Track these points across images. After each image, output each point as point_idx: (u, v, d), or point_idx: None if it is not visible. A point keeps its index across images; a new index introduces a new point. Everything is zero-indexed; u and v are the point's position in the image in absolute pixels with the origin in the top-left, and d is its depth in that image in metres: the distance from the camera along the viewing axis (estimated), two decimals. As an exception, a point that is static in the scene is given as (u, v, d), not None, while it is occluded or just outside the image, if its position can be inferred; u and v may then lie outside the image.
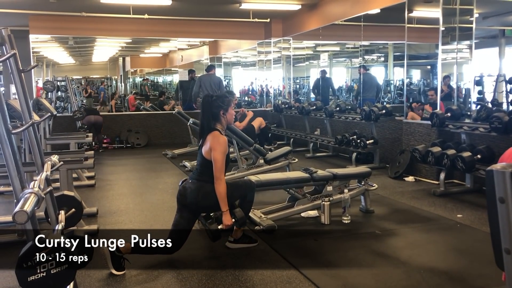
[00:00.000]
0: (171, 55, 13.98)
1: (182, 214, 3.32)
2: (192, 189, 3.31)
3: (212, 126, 3.38)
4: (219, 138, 3.31)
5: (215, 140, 3.29)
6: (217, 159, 3.26)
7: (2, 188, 5.40)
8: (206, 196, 3.28)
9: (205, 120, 3.40)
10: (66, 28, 9.33)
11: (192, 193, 3.29)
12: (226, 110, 3.42)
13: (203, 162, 3.34)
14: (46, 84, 7.68)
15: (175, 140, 9.54)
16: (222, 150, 3.28)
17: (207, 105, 3.40)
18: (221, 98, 3.45)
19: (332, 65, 11.93)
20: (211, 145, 3.29)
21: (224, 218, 3.29)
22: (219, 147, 3.27)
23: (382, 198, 4.98)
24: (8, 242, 3.61)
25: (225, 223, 3.30)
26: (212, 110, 3.39)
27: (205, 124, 3.40)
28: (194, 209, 3.32)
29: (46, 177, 2.07)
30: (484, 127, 4.81)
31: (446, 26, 5.76)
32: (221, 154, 3.27)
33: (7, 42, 2.20)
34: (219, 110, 3.39)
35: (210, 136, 3.33)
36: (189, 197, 3.30)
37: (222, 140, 3.31)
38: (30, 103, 2.38)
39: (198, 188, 3.30)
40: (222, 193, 3.26)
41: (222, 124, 3.43)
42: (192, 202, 3.29)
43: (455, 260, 3.26)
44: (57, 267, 1.68)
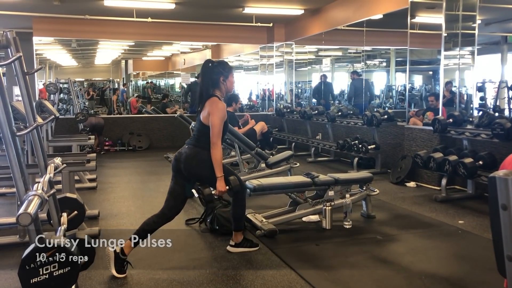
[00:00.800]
0: (174, 59, 14.02)
1: (177, 181, 3.28)
2: (187, 154, 3.26)
3: (211, 92, 3.32)
4: (218, 104, 3.26)
5: (214, 106, 3.24)
6: (215, 124, 3.21)
7: (4, 189, 5.41)
8: (201, 163, 3.23)
9: (205, 86, 3.34)
10: (70, 31, 9.36)
11: (187, 158, 3.24)
12: (226, 77, 3.35)
13: (201, 128, 3.29)
14: (49, 86, 7.70)
15: (177, 143, 9.53)
16: (220, 116, 3.22)
17: (207, 71, 3.34)
18: (222, 65, 3.39)
19: (334, 70, 11.97)
20: (209, 110, 3.23)
21: (219, 184, 3.23)
22: (217, 112, 3.22)
23: (384, 204, 4.98)
24: (10, 244, 3.62)
25: (219, 188, 3.24)
26: (212, 76, 3.33)
27: (204, 90, 3.33)
28: (187, 174, 3.26)
29: (49, 179, 2.08)
30: (486, 133, 4.81)
31: (449, 32, 5.77)
32: (219, 119, 3.22)
33: (13, 44, 2.21)
34: (219, 76, 3.33)
35: (209, 101, 3.27)
36: (184, 163, 3.24)
37: (221, 105, 3.26)
38: (34, 106, 2.39)
39: (194, 154, 3.25)
40: (218, 159, 3.21)
41: (221, 91, 3.37)
42: (186, 167, 3.24)
43: (457, 266, 3.25)
44: (59, 269, 1.69)
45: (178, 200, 3.28)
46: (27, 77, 2.41)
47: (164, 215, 3.25)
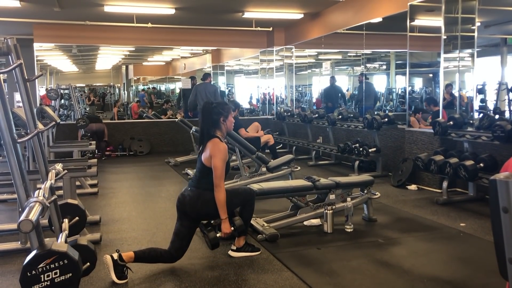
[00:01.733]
0: (174, 63, 14.06)
1: (183, 222, 3.32)
2: (191, 196, 3.30)
3: (212, 133, 3.38)
4: (219, 145, 3.31)
5: (215, 147, 3.29)
6: (217, 166, 3.26)
7: (5, 196, 5.41)
8: (206, 203, 3.28)
9: (205, 127, 3.40)
10: (70, 37, 9.39)
11: (191, 201, 3.29)
12: (226, 117, 3.42)
13: (203, 169, 3.33)
14: (50, 92, 7.71)
15: (178, 148, 9.56)
16: (222, 157, 3.27)
17: (207, 112, 3.40)
18: (221, 105, 3.46)
19: (334, 73, 11.97)
20: (211, 152, 3.28)
21: (223, 226, 3.29)
22: (219, 154, 3.27)
23: (385, 207, 4.97)
24: (12, 250, 3.62)
25: (224, 231, 3.30)
26: (213, 116, 3.39)
27: (205, 131, 3.40)
28: (194, 217, 3.32)
29: (50, 185, 2.08)
30: (487, 136, 4.81)
31: (448, 34, 5.78)
32: (221, 161, 3.27)
33: (13, 51, 2.22)
34: (219, 117, 3.40)
35: (210, 143, 3.32)
36: (189, 205, 3.29)
37: (222, 147, 3.31)
38: (35, 112, 2.39)
39: (197, 196, 3.29)
40: (221, 201, 3.25)
41: (222, 131, 3.43)
42: (192, 210, 3.28)
43: (458, 269, 3.24)
44: (61, 275, 1.69)
45: (183, 241, 3.31)
46: (28, 83, 2.42)
47: (170, 255, 3.28)
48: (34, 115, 2.33)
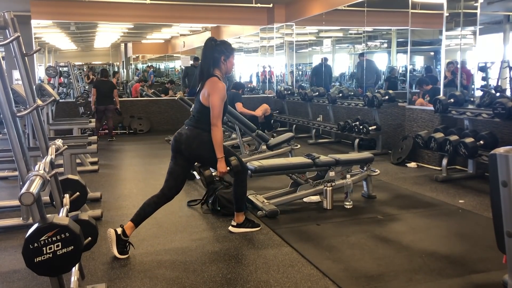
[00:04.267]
0: (173, 41, 13.92)
1: (177, 161, 3.28)
2: (188, 135, 3.25)
3: (211, 71, 3.30)
4: (218, 84, 3.23)
5: (214, 86, 3.22)
6: (215, 105, 3.19)
7: (6, 173, 5.43)
8: (201, 145, 3.23)
9: (206, 64, 3.30)
10: (68, 14, 9.28)
11: (187, 140, 3.23)
12: (227, 57, 3.33)
13: (201, 108, 3.27)
14: (49, 69, 7.67)
15: (178, 126, 9.38)
16: (220, 96, 3.20)
17: (209, 49, 3.31)
18: (224, 44, 3.37)
19: (335, 51, 11.88)
20: (209, 90, 3.21)
21: (219, 165, 3.24)
22: (218, 92, 3.20)
23: (384, 184, 4.99)
24: (14, 226, 3.66)
25: (219, 170, 3.25)
26: (214, 54, 3.30)
27: (205, 69, 3.30)
28: (187, 155, 3.26)
29: (50, 160, 2.09)
30: (488, 113, 4.80)
31: (451, 11, 5.71)
32: (219, 99, 3.20)
33: (10, 25, 2.19)
34: (221, 55, 3.31)
35: (209, 81, 3.25)
36: (184, 143, 3.24)
37: (221, 85, 3.24)
38: (34, 87, 2.38)
39: (194, 136, 3.24)
40: (218, 140, 3.21)
41: (221, 70, 3.34)
42: (186, 148, 3.23)
43: (457, 244, 3.28)
44: (63, 248, 1.70)
45: (178, 180, 3.28)
46: (26, 58, 2.39)
47: (164, 195, 3.26)
48: (33, 90, 2.31)
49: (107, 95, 8.65)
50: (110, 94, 8.70)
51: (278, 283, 2.66)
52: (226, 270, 2.86)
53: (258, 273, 2.81)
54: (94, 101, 8.64)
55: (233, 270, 2.86)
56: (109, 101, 8.66)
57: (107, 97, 8.64)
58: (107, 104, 8.63)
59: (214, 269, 2.88)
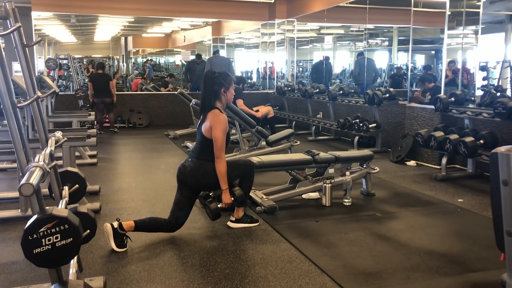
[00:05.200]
0: (174, 36, 13.89)
1: (183, 192, 3.33)
2: (192, 167, 3.30)
3: (212, 103, 3.35)
4: (219, 116, 3.28)
5: (215, 118, 3.27)
6: (217, 138, 3.25)
7: (5, 164, 5.42)
8: (206, 175, 3.29)
9: (207, 97, 3.36)
10: (69, 6, 9.24)
11: (192, 172, 3.29)
12: (227, 88, 3.39)
13: (203, 140, 3.32)
14: (49, 61, 7.64)
15: (177, 121, 9.53)
16: (223, 128, 3.26)
17: (209, 82, 3.36)
18: (223, 76, 3.42)
19: (336, 49, 11.86)
20: (211, 123, 3.26)
21: (224, 196, 3.31)
22: (220, 125, 3.25)
23: (384, 182, 4.99)
24: (12, 218, 3.65)
25: (224, 201, 3.32)
26: (214, 86, 3.36)
27: (206, 101, 3.36)
28: (194, 187, 3.33)
29: (50, 152, 2.08)
30: (488, 112, 4.80)
31: (453, 10, 5.69)
32: (221, 132, 3.25)
33: (11, 15, 2.18)
34: (220, 87, 3.36)
35: (210, 114, 3.30)
36: (189, 176, 3.30)
37: (222, 118, 3.29)
38: (34, 79, 2.37)
39: (198, 167, 3.29)
40: (222, 172, 3.26)
41: (222, 102, 3.40)
42: (192, 180, 3.29)
43: (455, 243, 3.28)
44: (62, 239, 1.70)
45: (183, 211, 3.32)
46: (27, 49, 2.38)
47: (170, 224, 3.30)
48: (34, 81, 2.30)
49: (103, 88, 8.62)
50: (106, 87, 8.66)
51: (276, 279, 2.66)
52: (224, 264, 2.86)
53: (256, 268, 2.81)
54: (91, 94, 8.64)
55: (231, 265, 2.86)
56: (106, 94, 8.62)
57: (103, 90, 8.60)
58: (104, 97, 8.59)
59: (212, 264, 2.88)
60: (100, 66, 9.01)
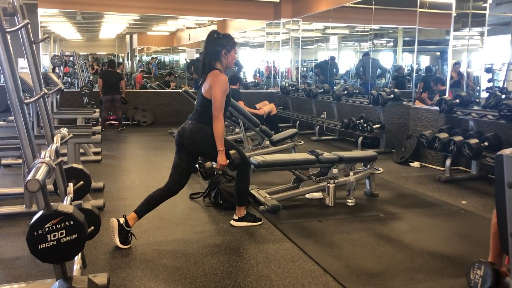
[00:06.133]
0: (179, 34, 13.90)
1: (181, 155, 3.29)
2: (191, 130, 3.25)
3: (213, 64, 3.29)
4: (219, 76, 3.23)
5: (215, 78, 3.21)
6: (217, 97, 3.19)
7: (10, 160, 5.45)
8: (205, 139, 3.23)
9: (207, 58, 3.30)
10: (75, 3, 9.27)
11: (191, 134, 3.24)
12: (228, 51, 3.31)
13: (203, 102, 3.27)
14: (54, 58, 7.66)
15: (181, 119, 9.40)
16: (222, 88, 3.20)
17: (211, 42, 3.30)
18: (226, 38, 3.35)
19: (340, 49, 11.85)
20: (210, 83, 3.21)
21: (220, 157, 3.24)
22: (219, 85, 3.19)
23: (387, 183, 4.99)
24: (17, 213, 3.67)
25: (219, 162, 3.25)
26: (216, 47, 3.29)
27: (207, 62, 3.30)
28: (191, 150, 3.27)
29: (56, 148, 2.09)
30: (493, 115, 4.78)
31: (459, 11, 5.68)
32: (221, 92, 3.19)
33: (19, 12, 2.19)
34: (222, 48, 3.29)
35: (210, 74, 3.24)
36: (188, 138, 3.24)
37: (223, 78, 3.23)
38: (41, 75, 2.38)
39: (198, 130, 3.24)
40: (219, 132, 3.21)
41: (222, 64, 3.33)
42: (190, 143, 3.24)
43: (458, 245, 3.27)
44: (67, 235, 1.71)
45: (182, 175, 3.29)
46: (34, 46, 2.39)
47: (168, 189, 3.27)
48: (40, 77, 2.31)
49: (113, 86, 8.72)
50: (116, 84, 8.76)
51: (279, 278, 2.67)
52: (227, 263, 2.87)
53: (259, 267, 2.82)
54: (101, 90, 8.72)
55: (234, 263, 2.87)
56: (116, 91, 8.72)
57: (113, 88, 8.71)
58: (114, 94, 8.68)
59: (215, 262, 2.88)
60: (111, 64, 9.06)
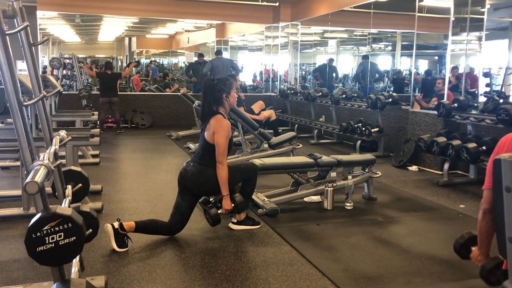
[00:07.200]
0: (178, 37, 13.92)
1: (184, 197, 3.33)
2: (193, 172, 3.31)
3: (214, 109, 3.35)
4: (222, 122, 3.29)
5: (218, 124, 3.27)
6: (220, 143, 3.25)
7: (8, 162, 5.44)
8: (208, 180, 3.29)
9: (207, 103, 3.36)
10: (74, 5, 9.28)
11: (193, 177, 3.29)
12: (228, 93, 3.38)
13: (205, 145, 3.33)
14: (53, 61, 7.66)
15: (180, 122, 9.54)
16: (225, 134, 3.26)
17: (208, 89, 3.36)
18: (223, 81, 3.41)
19: (339, 53, 11.87)
20: (214, 129, 3.27)
21: (224, 202, 3.32)
22: (222, 131, 3.26)
23: (385, 186, 4.99)
24: (15, 216, 3.66)
25: (225, 207, 3.33)
26: (214, 93, 3.35)
27: (206, 107, 3.36)
28: (195, 192, 3.33)
29: (55, 151, 2.09)
30: (491, 119, 4.79)
31: (457, 16, 5.70)
32: (224, 138, 3.26)
33: (19, 14, 2.19)
34: (222, 93, 3.35)
35: (213, 119, 3.30)
36: (190, 181, 3.30)
37: (226, 124, 3.29)
38: (40, 78, 2.38)
39: (200, 172, 3.30)
40: (223, 178, 3.26)
41: (225, 107, 3.40)
42: (194, 185, 3.30)
43: (456, 249, 3.27)
44: (65, 238, 1.70)
45: (184, 217, 3.32)
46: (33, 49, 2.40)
47: (170, 228, 3.31)
48: (39, 80, 2.32)
49: (110, 88, 8.68)
50: (113, 86, 8.73)
51: (277, 281, 2.66)
52: (225, 266, 2.87)
53: (257, 271, 2.81)
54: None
55: (232, 266, 2.87)
56: (113, 93, 8.69)
57: (110, 90, 8.66)
58: (111, 96, 8.65)
59: (213, 265, 2.88)
60: (108, 66, 9.05)
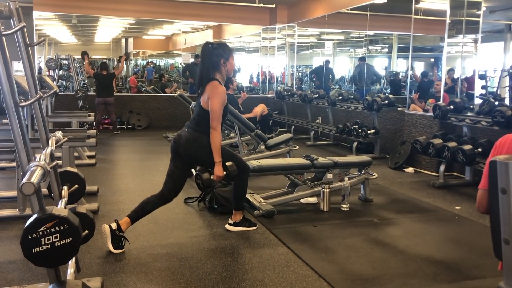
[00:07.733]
0: (174, 38, 13.91)
1: (176, 163, 3.28)
2: (187, 138, 3.24)
3: (211, 75, 3.28)
4: (218, 88, 3.22)
5: (214, 90, 3.20)
6: (214, 109, 3.18)
7: (3, 163, 5.42)
8: (200, 148, 3.23)
9: (205, 69, 3.28)
10: (70, 6, 9.26)
11: (186, 143, 3.23)
12: (226, 59, 3.30)
13: (201, 112, 3.26)
14: (49, 61, 7.64)
15: (176, 123, 9.51)
16: (220, 100, 3.20)
17: (207, 54, 3.29)
18: (222, 47, 3.34)
19: (335, 54, 11.91)
20: (209, 94, 3.20)
21: (217, 169, 3.23)
22: (217, 97, 3.19)
23: (382, 188, 5.00)
24: (10, 217, 3.65)
25: (216, 173, 3.24)
26: (213, 58, 3.27)
27: (204, 73, 3.28)
28: (186, 158, 3.27)
29: (51, 152, 2.08)
30: (487, 121, 4.82)
31: (453, 19, 5.72)
32: (219, 104, 3.19)
33: (15, 15, 2.19)
34: (220, 58, 3.28)
35: (209, 85, 3.23)
36: (183, 146, 3.23)
37: (221, 89, 3.23)
38: (36, 78, 2.38)
39: (194, 139, 3.23)
40: (216, 143, 3.20)
41: (221, 74, 3.32)
42: (185, 151, 3.23)
43: (452, 250, 3.29)
44: (61, 239, 1.69)
45: (176, 183, 3.28)
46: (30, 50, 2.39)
47: (163, 197, 3.27)
48: (36, 80, 2.31)
49: (106, 88, 8.65)
50: (109, 87, 8.70)
51: (273, 283, 2.66)
52: (222, 268, 2.87)
53: (253, 272, 2.81)
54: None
55: (229, 268, 2.87)
56: (108, 94, 8.65)
57: (106, 90, 8.63)
58: (106, 96, 8.62)
59: (209, 267, 2.88)
60: (104, 67, 9.01)
